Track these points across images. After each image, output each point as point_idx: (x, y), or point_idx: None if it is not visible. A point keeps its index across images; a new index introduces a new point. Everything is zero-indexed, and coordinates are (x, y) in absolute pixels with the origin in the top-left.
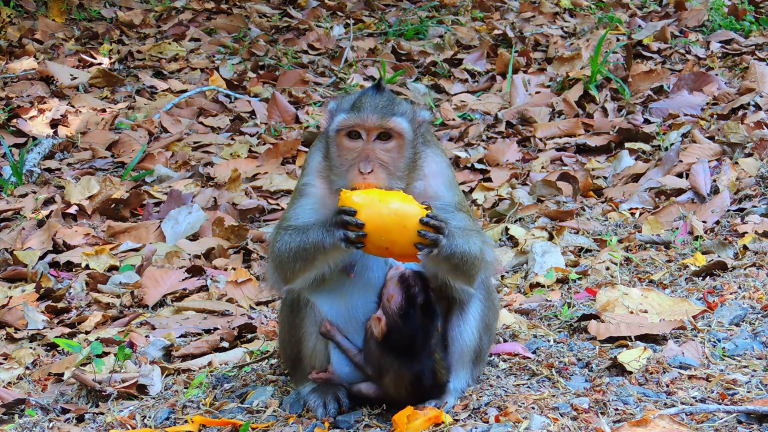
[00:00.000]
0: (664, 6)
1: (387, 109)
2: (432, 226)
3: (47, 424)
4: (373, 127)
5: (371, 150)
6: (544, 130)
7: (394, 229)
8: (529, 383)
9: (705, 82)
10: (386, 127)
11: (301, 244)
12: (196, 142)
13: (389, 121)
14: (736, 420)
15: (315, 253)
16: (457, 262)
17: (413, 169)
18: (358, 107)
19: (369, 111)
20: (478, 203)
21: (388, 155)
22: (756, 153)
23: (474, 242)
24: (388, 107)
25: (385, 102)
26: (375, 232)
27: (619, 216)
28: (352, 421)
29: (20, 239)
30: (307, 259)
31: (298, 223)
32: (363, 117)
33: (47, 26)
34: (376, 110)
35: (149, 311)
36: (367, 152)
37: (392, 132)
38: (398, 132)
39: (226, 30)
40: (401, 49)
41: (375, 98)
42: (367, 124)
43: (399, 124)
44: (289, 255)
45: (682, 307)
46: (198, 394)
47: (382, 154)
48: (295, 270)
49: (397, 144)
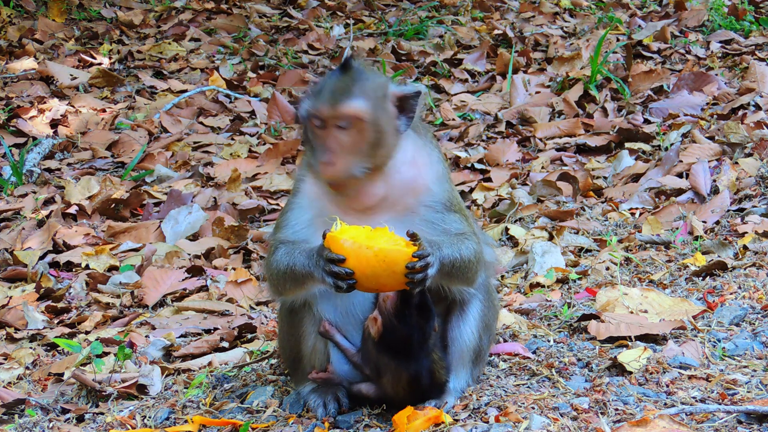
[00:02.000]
0: (664, 6)
1: (342, 94)
2: (418, 267)
3: (47, 424)
4: (328, 116)
5: (331, 138)
6: (544, 130)
7: (384, 274)
8: (529, 383)
9: (705, 82)
10: (339, 114)
11: (289, 268)
12: (196, 142)
13: (341, 108)
14: (736, 420)
15: (304, 280)
16: (448, 271)
17: (385, 152)
18: (316, 93)
19: (324, 98)
20: (478, 203)
21: (349, 140)
22: (756, 153)
23: (467, 246)
24: (345, 91)
25: (345, 85)
26: (364, 278)
27: (619, 216)
28: (352, 421)
29: (20, 239)
30: (296, 281)
31: (289, 234)
32: (318, 105)
33: (47, 26)
34: (330, 96)
35: (149, 311)
36: (326, 141)
37: (347, 118)
38: (354, 116)
39: (226, 30)
40: (401, 49)
41: (335, 81)
42: (323, 113)
43: (353, 107)
44: (279, 274)
45: (682, 307)
46: (198, 394)
47: (342, 140)
48: (286, 288)
49: (357, 128)
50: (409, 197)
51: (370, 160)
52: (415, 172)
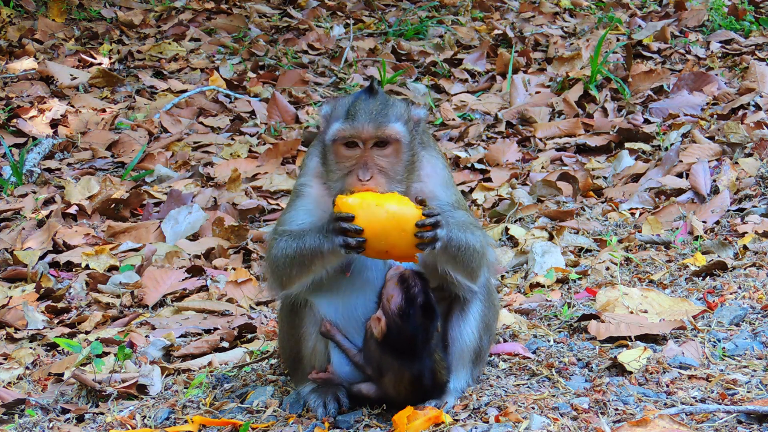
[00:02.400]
0: (664, 6)
1: (382, 116)
2: (428, 224)
3: (47, 424)
4: (369, 137)
5: (369, 158)
6: (544, 130)
7: (393, 233)
8: (529, 383)
9: (705, 82)
10: (383, 136)
11: (297, 250)
12: (196, 142)
13: (385, 129)
14: (736, 420)
15: (312, 259)
16: (454, 252)
17: (412, 170)
18: (352, 116)
19: (364, 120)
20: (478, 203)
21: (386, 161)
22: (756, 153)
23: (474, 235)
24: (382, 113)
25: (379, 107)
26: (374, 237)
27: (619, 216)
28: (352, 421)
29: (20, 239)
30: (303, 265)
31: (293, 227)
32: (358, 127)
33: (47, 26)
34: (370, 118)
35: (149, 311)
36: (365, 160)
37: (389, 139)
38: (395, 138)
39: (226, 30)
40: (401, 49)
41: (369, 104)
42: (364, 135)
43: (395, 130)
44: (285, 261)
45: (682, 307)
46: (198, 394)
47: (380, 161)
48: (291, 276)
49: (394, 149)
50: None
51: (404, 179)
52: (422, 184)
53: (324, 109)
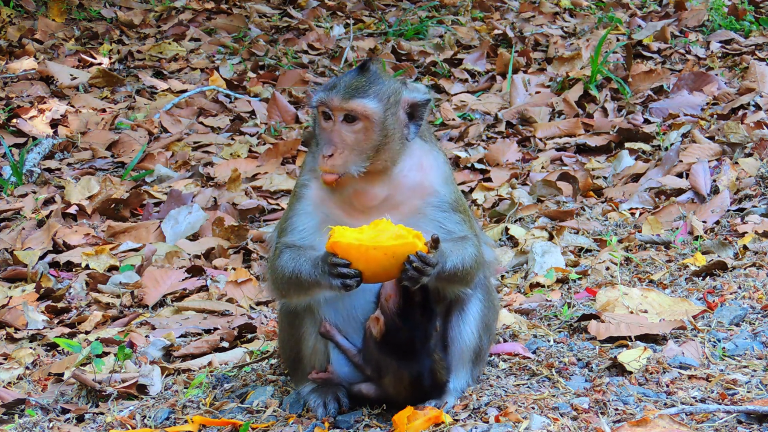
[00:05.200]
0: (664, 6)
1: (356, 90)
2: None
3: (47, 424)
4: (336, 108)
5: (336, 132)
6: (544, 130)
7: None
8: (529, 383)
9: (705, 82)
10: (348, 108)
11: (295, 274)
12: (196, 142)
13: (351, 102)
14: (736, 420)
15: (309, 288)
16: (449, 277)
17: (384, 152)
18: (331, 86)
19: (337, 91)
20: (478, 203)
21: (354, 137)
22: (756, 153)
23: (469, 253)
24: (359, 88)
25: (362, 83)
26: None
27: (619, 216)
28: (352, 421)
29: (20, 239)
30: (301, 288)
31: (295, 237)
32: (330, 96)
33: (47, 26)
34: (343, 91)
35: (149, 311)
36: (331, 134)
37: (356, 114)
38: (363, 114)
39: (226, 30)
40: (401, 49)
41: (352, 78)
42: (332, 104)
43: (364, 105)
44: (283, 280)
45: (682, 307)
46: (198, 394)
47: (346, 136)
48: (290, 293)
49: (364, 126)
50: (416, 199)
51: (371, 161)
52: (422, 175)
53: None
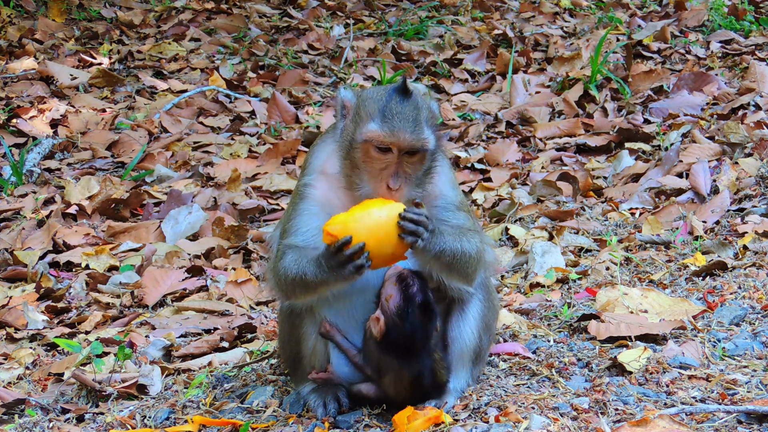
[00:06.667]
0: (664, 6)
1: (417, 124)
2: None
3: (47, 424)
4: (406, 147)
5: (400, 165)
6: (544, 130)
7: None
8: (529, 383)
9: (705, 82)
10: (417, 146)
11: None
12: (196, 142)
13: (421, 140)
14: (736, 420)
15: (317, 287)
16: (448, 260)
17: (429, 174)
18: (389, 120)
19: (402, 127)
20: (478, 203)
21: (413, 167)
22: (756, 153)
23: (470, 241)
24: (417, 121)
25: (414, 113)
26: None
27: (619, 216)
28: (352, 421)
29: (20, 239)
30: (307, 288)
31: (299, 239)
32: (396, 135)
33: (47, 26)
34: (408, 126)
35: (149, 311)
36: (397, 168)
37: (422, 149)
38: (423, 147)
39: (226, 30)
40: (401, 49)
41: (404, 108)
42: (402, 144)
43: (429, 140)
44: (287, 281)
45: (682, 307)
46: (198, 394)
47: (408, 168)
48: (296, 295)
49: (422, 156)
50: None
51: (425, 184)
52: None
53: (345, 94)
